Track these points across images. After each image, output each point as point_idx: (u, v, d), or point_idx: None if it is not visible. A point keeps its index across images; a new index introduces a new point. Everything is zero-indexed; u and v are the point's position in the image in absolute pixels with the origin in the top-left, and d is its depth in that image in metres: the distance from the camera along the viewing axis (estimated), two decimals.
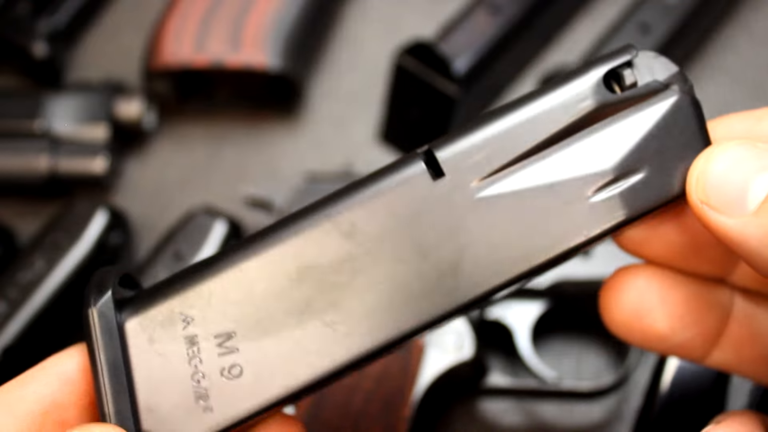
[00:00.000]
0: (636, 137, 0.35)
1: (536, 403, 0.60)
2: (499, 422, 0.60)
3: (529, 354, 0.58)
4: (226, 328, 0.35)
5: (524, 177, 0.35)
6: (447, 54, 0.64)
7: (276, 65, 0.68)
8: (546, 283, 0.57)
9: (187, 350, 0.35)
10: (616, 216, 0.35)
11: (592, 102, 0.35)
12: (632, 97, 0.35)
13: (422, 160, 0.35)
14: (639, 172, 0.35)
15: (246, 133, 0.72)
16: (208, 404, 0.35)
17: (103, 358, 0.35)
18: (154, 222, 0.68)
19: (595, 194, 0.35)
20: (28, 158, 0.67)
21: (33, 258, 0.61)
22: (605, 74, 0.35)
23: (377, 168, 0.36)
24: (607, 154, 0.35)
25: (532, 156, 0.35)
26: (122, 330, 0.36)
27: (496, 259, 0.35)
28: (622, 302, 0.41)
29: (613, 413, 0.60)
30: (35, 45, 0.71)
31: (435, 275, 0.35)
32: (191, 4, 0.70)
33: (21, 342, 0.59)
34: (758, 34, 0.72)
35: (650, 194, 0.35)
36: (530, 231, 0.35)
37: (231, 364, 0.35)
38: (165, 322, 0.36)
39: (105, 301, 0.36)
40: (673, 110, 0.35)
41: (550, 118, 0.35)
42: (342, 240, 0.35)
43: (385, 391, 0.54)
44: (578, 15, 0.74)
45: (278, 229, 0.36)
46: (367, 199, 0.35)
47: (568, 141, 0.35)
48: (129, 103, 0.69)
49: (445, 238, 0.35)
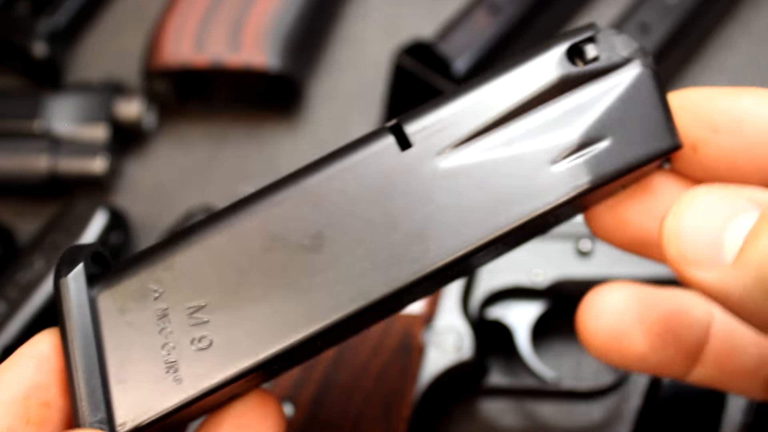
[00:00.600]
0: (599, 107, 0.36)
1: (536, 403, 0.60)
2: (499, 422, 0.60)
3: (528, 354, 0.58)
4: (197, 299, 0.36)
5: (489, 147, 0.36)
6: (447, 54, 0.64)
7: (276, 65, 0.68)
8: (546, 283, 0.58)
9: (158, 321, 0.35)
10: (580, 183, 0.36)
11: (555, 74, 0.36)
12: (594, 70, 0.36)
13: (390, 133, 0.36)
14: (602, 141, 0.36)
15: (246, 133, 0.72)
16: (178, 375, 0.35)
17: (74, 328, 0.35)
18: (154, 222, 0.68)
19: (559, 162, 0.36)
20: (27, 158, 0.67)
21: (33, 258, 0.61)
22: (568, 49, 0.36)
23: (346, 142, 0.37)
24: (571, 124, 0.36)
25: (497, 127, 0.36)
26: (94, 302, 0.36)
27: (463, 227, 0.36)
28: (600, 323, 0.40)
29: (613, 413, 0.60)
30: (35, 45, 0.71)
31: (403, 243, 0.35)
32: (191, 5, 0.70)
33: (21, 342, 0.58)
34: (758, 34, 0.72)
35: (613, 162, 0.36)
36: (495, 199, 0.36)
37: (201, 335, 0.35)
38: (136, 294, 0.36)
39: (76, 273, 0.36)
40: (635, 82, 0.36)
41: (514, 91, 0.36)
42: (311, 210, 0.36)
43: (384, 391, 0.54)
44: (578, 15, 0.74)
45: (248, 202, 0.37)
46: (336, 170, 0.36)
47: (532, 112, 0.36)
48: (129, 103, 0.69)
49: (412, 207, 0.36)
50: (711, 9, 0.69)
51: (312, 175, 0.36)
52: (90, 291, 0.36)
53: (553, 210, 0.36)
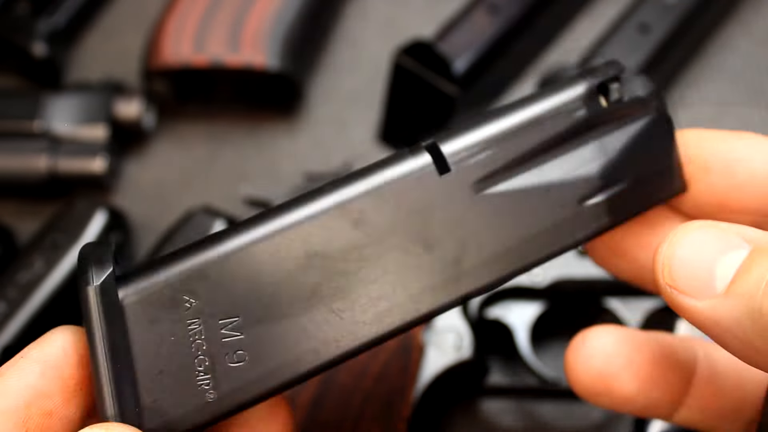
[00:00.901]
0: (620, 148, 0.38)
1: (536, 403, 0.60)
2: (499, 422, 0.60)
3: (528, 354, 0.58)
4: (230, 311, 0.35)
5: (523, 178, 0.37)
6: (446, 54, 0.64)
7: (275, 65, 0.68)
8: (545, 283, 0.57)
9: (191, 333, 0.34)
10: (601, 222, 0.38)
11: (585, 112, 0.37)
12: (617, 109, 0.38)
13: (429, 154, 0.37)
14: (622, 182, 0.38)
15: (246, 133, 0.72)
16: (210, 389, 0.34)
17: (104, 341, 0.33)
18: (153, 222, 0.68)
19: (585, 200, 0.38)
20: (27, 158, 0.67)
21: (32, 258, 0.61)
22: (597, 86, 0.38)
23: (383, 158, 0.37)
24: (596, 163, 0.38)
25: (531, 158, 0.37)
26: (122, 310, 0.34)
27: (494, 256, 0.37)
28: (589, 366, 0.42)
29: (613, 413, 0.60)
30: (35, 45, 0.71)
31: (438, 268, 0.36)
32: (191, 4, 0.70)
33: (21, 342, 0.59)
34: (758, 34, 0.72)
35: (631, 203, 0.38)
36: (525, 230, 0.37)
37: (235, 349, 0.35)
38: (167, 303, 0.34)
39: (107, 278, 0.34)
40: (653, 127, 0.38)
41: (546, 123, 0.37)
42: (350, 228, 0.36)
43: (384, 391, 0.54)
44: (578, 15, 0.74)
45: (287, 211, 0.36)
46: (375, 188, 0.36)
47: (562, 147, 0.38)
48: (128, 103, 0.69)
49: (448, 232, 0.36)
50: (711, 9, 0.69)
51: (352, 189, 0.36)
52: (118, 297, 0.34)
53: (574, 245, 0.38)
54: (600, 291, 0.58)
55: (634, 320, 0.58)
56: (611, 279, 0.58)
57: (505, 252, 0.37)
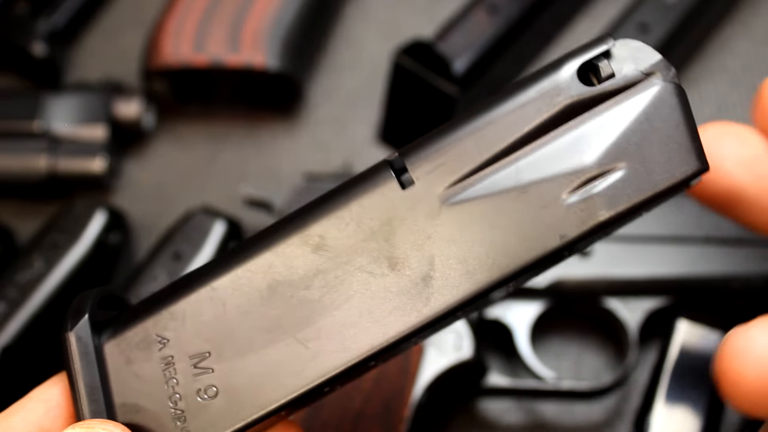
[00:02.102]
0: (615, 132, 0.33)
1: (536, 403, 0.60)
2: (499, 422, 0.60)
3: (528, 354, 0.58)
4: (200, 348, 0.35)
5: (496, 180, 0.34)
6: (446, 54, 0.64)
7: (275, 65, 0.68)
8: (545, 283, 0.57)
9: (164, 371, 0.35)
10: (594, 217, 0.33)
11: (565, 97, 0.33)
12: (611, 89, 0.33)
13: (390, 169, 0.35)
14: (618, 170, 0.33)
15: (246, 133, 0.72)
16: (185, 426, 0.35)
17: (81, 382, 0.35)
18: (153, 222, 0.68)
19: (571, 195, 0.33)
20: (27, 158, 0.67)
21: (32, 258, 0.61)
22: (580, 66, 0.34)
23: (346, 179, 0.36)
24: (584, 152, 0.33)
25: (504, 158, 0.34)
26: (100, 352, 0.36)
27: (469, 268, 0.34)
28: (749, 368, 0.33)
29: (613, 413, 0.60)
30: (34, 45, 0.71)
31: (406, 287, 0.34)
32: (190, 4, 0.70)
33: (20, 342, 0.59)
34: (758, 34, 0.72)
35: (631, 192, 0.33)
36: (503, 237, 0.34)
37: (206, 385, 0.35)
38: (141, 344, 0.36)
39: (81, 325, 0.36)
40: (655, 101, 0.33)
41: (521, 117, 0.34)
42: (311, 254, 0.35)
43: (384, 391, 0.54)
44: (578, 15, 0.74)
45: (249, 246, 0.36)
46: (335, 211, 0.35)
47: (541, 140, 0.34)
48: (128, 103, 0.69)
49: (415, 248, 0.34)
50: (711, 9, 0.69)
51: (313, 217, 0.35)
52: (97, 340, 0.36)
53: (564, 247, 0.34)
54: (600, 291, 0.58)
55: (634, 320, 0.58)
56: (611, 279, 0.58)
57: (480, 263, 0.33)
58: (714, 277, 0.57)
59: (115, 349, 0.36)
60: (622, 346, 0.59)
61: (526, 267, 0.34)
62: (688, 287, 0.58)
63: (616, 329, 0.59)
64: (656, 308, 0.58)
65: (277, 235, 0.35)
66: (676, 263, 0.57)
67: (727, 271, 0.57)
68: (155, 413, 0.35)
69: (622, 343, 0.59)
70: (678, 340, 0.55)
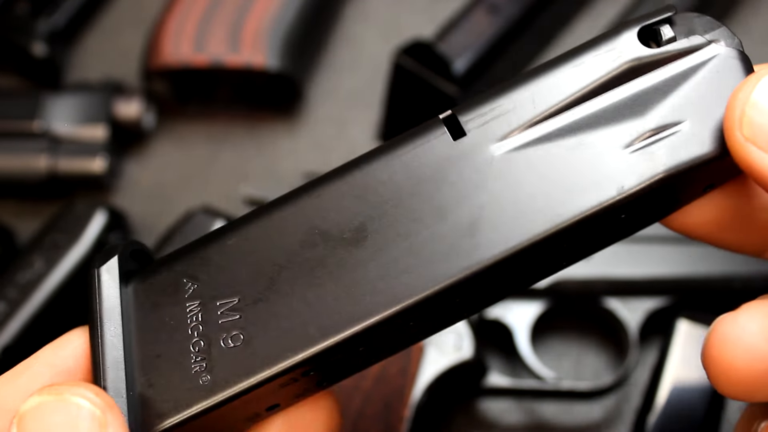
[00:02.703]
0: (677, 89, 0.33)
1: (536, 403, 0.60)
2: (499, 422, 0.60)
3: (528, 354, 0.58)
4: (230, 295, 0.34)
5: (553, 133, 0.33)
6: (446, 54, 0.64)
7: (275, 65, 0.68)
8: (545, 283, 0.57)
9: (189, 317, 0.34)
10: (656, 167, 0.32)
11: (626, 58, 0.33)
12: (671, 53, 0.33)
13: (443, 123, 0.34)
14: (681, 125, 0.32)
15: (246, 133, 0.72)
16: (207, 373, 0.33)
17: (102, 319, 0.34)
18: (153, 222, 0.68)
19: (631, 146, 0.32)
20: (27, 158, 0.67)
21: (32, 258, 0.61)
22: (642, 29, 0.33)
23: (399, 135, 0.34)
24: (645, 107, 0.33)
25: (562, 113, 0.33)
26: (126, 295, 0.34)
27: (519, 219, 0.32)
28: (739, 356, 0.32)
29: (613, 413, 0.60)
30: (35, 45, 0.71)
31: (451, 236, 0.32)
32: (191, 4, 0.70)
33: (20, 342, 0.59)
34: (758, 34, 0.72)
35: (691, 149, 0.32)
36: (558, 188, 0.32)
37: (232, 333, 0.33)
38: (169, 288, 0.34)
39: (110, 265, 0.35)
40: (719, 64, 0.33)
41: (581, 76, 0.33)
42: (354, 202, 0.33)
43: (384, 391, 0.54)
44: (578, 15, 0.73)
45: (289, 198, 0.34)
46: (382, 161, 0.33)
47: (601, 98, 0.33)
48: (128, 103, 0.69)
49: (464, 197, 0.32)
50: (710, 9, 0.69)
51: (357, 167, 0.34)
52: (124, 285, 0.35)
53: (624, 202, 0.32)
54: (600, 291, 0.58)
55: (635, 320, 0.58)
56: (611, 279, 0.58)
57: (532, 213, 0.32)
58: (714, 277, 0.57)
59: (142, 293, 0.34)
60: (622, 346, 0.59)
61: (581, 221, 0.32)
62: (688, 287, 0.58)
63: (617, 329, 0.59)
64: (656, 308, 0.58)
65: (320, 184, 0.34)
66: (676, 263, 0.57)
67: (727, 271, 0.57)
68: (177, 359, 0.33)
69: (622, 343, 0.59)
70: (678, 340, 0.55)
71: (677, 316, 0.56)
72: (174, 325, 0.34)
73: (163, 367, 0.34)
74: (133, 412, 0.33)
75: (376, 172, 0.33)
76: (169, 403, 0.33)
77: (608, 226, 0.34)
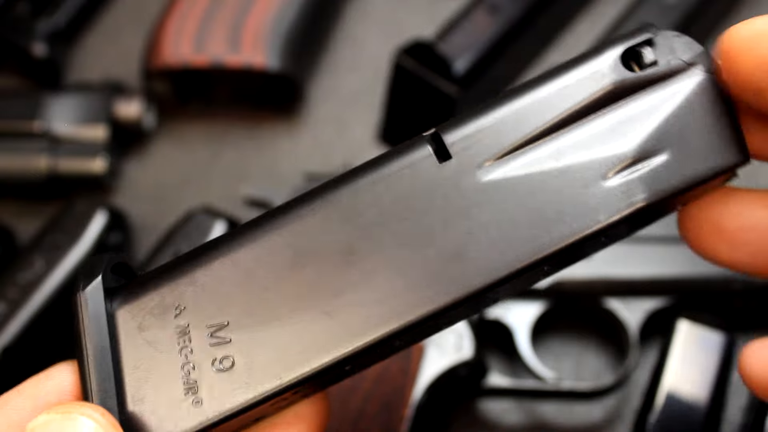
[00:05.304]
0: (657, 117, 0.33)
1: (536, 403, 0.60)
2: (499, 422, 0.60)
3: (528, 354, 0.58)
4: (219, 317, 0.34)
5: (535, 160, 0.33)
6: (447, 54, 0.64)
7: (275, 65, 0.68)
8: (545, 283, 0.57)
9: (178, 339, 0.34)
10: (634, 201, 0.33)
11: (608, 81, 0.33)
12: (652, 76, 0.34)
13: (428, 143, 0.34)
14: (659, 155, 0.33)
15: (246, 133, 0.72)
16: (197, 397, 0.33)
17: (89, 344, 0.34)
18: (153, 222, 0.68)
19: (612, 177, 0.33)
20: (27, 158, 0.67)
21: (32, 258, 0.61)
22: (624, 52, 0.34)
23: (381, 153, 0.35)
24: (625, 135, 0.33)
25: (545, 138, 0.33)
26: (112, 317, 0.34)
27: (504, 247, 0.33)
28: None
29: (613, 413, 0.60)
30: (35, 45, 0.71)
31: (439, 262, 0.33)
32: (191, 5, 0.70)
33: (20, 342, 0.59)
34: None
35: (672, 178, 0.33)
36: (540, 217, 0.33)
37: (223, 356, 0.33)
38: (156, 310, 0.34)
39: (94, 286, 0.34)
40: (697, 90, 0.33)
41: (563, 99, 0.33)
42: (341, 224, 0.33)
43: (384, 391, 0.54)
44: (578, 15, 0.74)
45: (276, 215, 0.34)
46: (369, 182, 0.34)
47: (582, 122, 0.33)
48: (128, 104, 0.69)
49: (449, 223, 0.33)
50: (711, 9, 0.69)
51: (343, 187, 0.34)
52: (109, 305, 0.34)
53: (603, 230, 0.33)
54: (600, 291, 0.58)
55: (635, 320, 0.58)
56: (611, 279, 0.58)
57: (516, 241, 0.33)
58: (714, 277, 0.57)
59: (128, 314, 0.34)
60: (622, 347, 0.59)
61: (563, 250, 0.33)
62: (688, 287, 0.58)
63: (617, 329, 0.59)
64: (656, 308, 0.58)
65: (305, 204, 0.34)
66: (676, 263, 0.57)
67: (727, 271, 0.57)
68: (166, 383, 0.33)
69: (622, 344, 0.59)
70: (678, 340, 0.55)
71: (677, 317, 0.56)
72: (162, 348, 0.34)
73: (152, 390, 0.34)
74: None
75: (363, 193, 0.34)
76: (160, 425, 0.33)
77: (588, 247, 0.35)
